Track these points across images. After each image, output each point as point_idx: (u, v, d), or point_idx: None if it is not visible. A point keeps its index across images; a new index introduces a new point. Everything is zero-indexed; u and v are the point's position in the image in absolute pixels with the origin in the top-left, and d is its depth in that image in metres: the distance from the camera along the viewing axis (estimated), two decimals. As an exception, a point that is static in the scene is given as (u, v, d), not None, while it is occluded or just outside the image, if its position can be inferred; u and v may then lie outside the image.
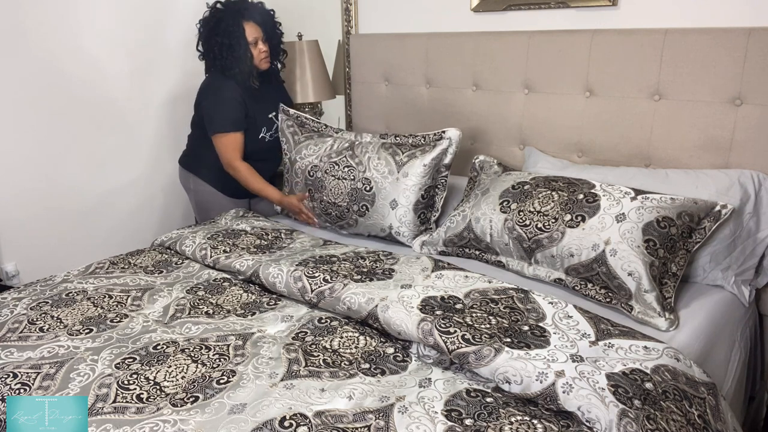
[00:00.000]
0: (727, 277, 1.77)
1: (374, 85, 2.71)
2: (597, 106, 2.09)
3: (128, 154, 2.88)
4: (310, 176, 2.24)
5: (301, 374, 1.33)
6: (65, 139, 2.64)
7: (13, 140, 2.49)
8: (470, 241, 1.94)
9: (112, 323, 1.58)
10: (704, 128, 1.89)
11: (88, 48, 2.65)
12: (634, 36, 1.97)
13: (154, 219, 3.04)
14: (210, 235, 2.08)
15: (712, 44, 1.83)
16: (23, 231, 2.57)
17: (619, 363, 1.27)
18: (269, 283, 1.74)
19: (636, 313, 1.58)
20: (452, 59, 2.41)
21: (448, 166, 2.14)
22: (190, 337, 1.50)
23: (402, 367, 1.37)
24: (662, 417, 1.16)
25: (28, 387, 1.31)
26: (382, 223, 2.12)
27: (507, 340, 1.34)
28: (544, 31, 2.17)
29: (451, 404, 1.23)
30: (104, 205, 2.83)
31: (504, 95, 2.31)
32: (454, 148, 2.12)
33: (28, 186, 2.56)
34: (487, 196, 1.93)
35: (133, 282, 1.83)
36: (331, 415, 1.19)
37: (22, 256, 2.59)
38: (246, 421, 1.18)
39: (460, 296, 1.55)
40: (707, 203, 1.71)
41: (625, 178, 1.89)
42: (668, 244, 1.62)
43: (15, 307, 1.66)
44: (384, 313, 1.48)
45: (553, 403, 1.19)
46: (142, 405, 1.24)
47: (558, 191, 1.80)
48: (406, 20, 2.60)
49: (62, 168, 2.66)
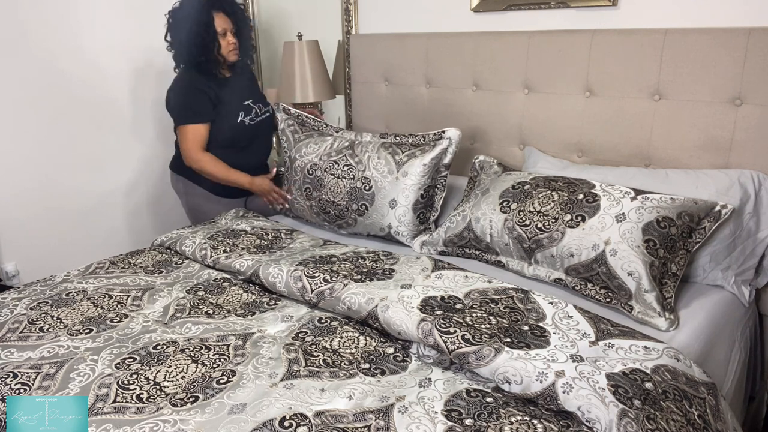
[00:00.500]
0: (727, 277, 1.77)
1: (374, 85, 2.71)
2: (597, 106, 2.09)
3: (128, 154, 2.89)
4: (309, 174, 2.24)
5: (301, 374, 1.33)
6: (65, 139, 2.64)
7: (13, 140, 2.49)
8: (470, 241, 1.94)
9: (112, 323, 1.58)
10: (704, 128, 1.89)
11: (88, 48, 2.65)
12: (634, 36, 1.97)
13: (154, 219, 3.04)
14: (210, 235, 2.08)
15: (712, 44, 1.83)
16: (23, 231, 2.58)
17: (619, 363, 1.27)
18: (269, 283, 1.74)
19: (636, 313, 1.58)
20: (452, 59, 2.41)
21: (447, 166, 2.14)
22: (190, 337, 1.50)
23: (402, 367, 1.37)
24: (662, 417, 1.16)
25: (28, 387, 1.31)
26: (381, 223, 2.12)
27: (507, 340, 1.34)
28: (544, 31, 2.17)
29: (451, 404, 1.23)
30: (104, 205, 2.84)
31: (504, 95, 2.31)
32: (453, 147, 2.12)
33: (28, 186, 2.57)
34: (487, 196, 1.93)
35: (133, 282, 1.83)
36: (331, 415, 1.19)
37: (22, 256, 2.59)
38: (246, 421, 1.18)
39: (460, 296, 1.55)
40: (707, 203, 1.71)
41: (625, 178, 1.89)
42: (668, 244, 1.62)
43: (15, 307, 1.66)
44: (384, 313, 1.48)
45: (553, 403, 1.19)
46: (142, 405, 1.24)
47: (558, 191, 1.80)
48: (406, 20, 2.60)
49: (62, 168, 2.66)
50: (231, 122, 2.36)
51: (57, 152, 2.62)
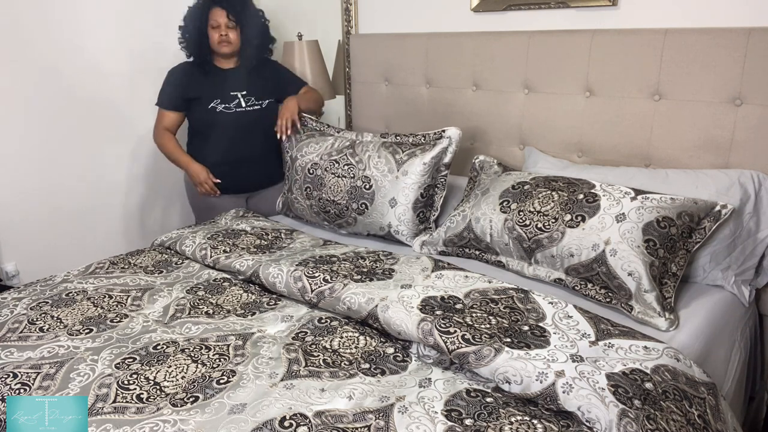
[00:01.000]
0: (727, 277, 1.77)
1: (374, 85, 2.71)
2: (597, 106, 2.09)
3: (128, 154, 2.88)
4: (310, 174, 2.24)
5: (301, 374, 1.33)
6: (65, 139, 2.64)
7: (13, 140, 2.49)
8: (470, 241, 1.94)
9: (112, 323, 1.58)
10: (704, 128, 1.89)
11: (88, 48, 2.65)
12: (634, 36, 1.97)
13: (154, 219, 3.04)
14: (210, 235, 2.08)
15: (712, 44, 1.83)
16: (23, 231, 2.58)
17: (619, 363, 1.27)
18: (269, 283, 1.74)
19: (636, 313, 1.58)
20: (452, 59, 2.41)
21: (447, 165, 2.14)
22: (190, 337, 1.50)
23: (402, 367, 1.37)
24: (662, 417, 1.16)
25: (28, 387, 1.31)
26: (381, 222, 2.12)
27: (507, 340, 1.34)
28: (544, 31, 2.17)
29: (451, 404, 1.23)
30: (104, 205, 2.84)
31: (504, 95, 2.31)
32: (454, 147, 2.12)
33: (28, 186, 2.57)
34: (487, 196, 1.93)
35: (133, 282, 1.83)
36: (331, 415, 1.19)
37: (22, 256, 2.59)
38: (246, 421, 1.18)
39: (460, 296, 1.55)
40: (707, 203, 1.71)
41: (625, 178, 1.89)
42: (668, 244, 1.62)
43: (15, 307, 1.66)
44: (384, 313, 1.48)
45: (553, 403, 1.19)
46: (142, 405, 1.24)
47: (558, 191, 1.80)
48: (406, 20, 2.60)
49: (62, 168, 2.66)
50: (203, 108, 2.44)
51: (57, 152, 2.62)
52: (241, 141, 2.47)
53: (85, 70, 2.65)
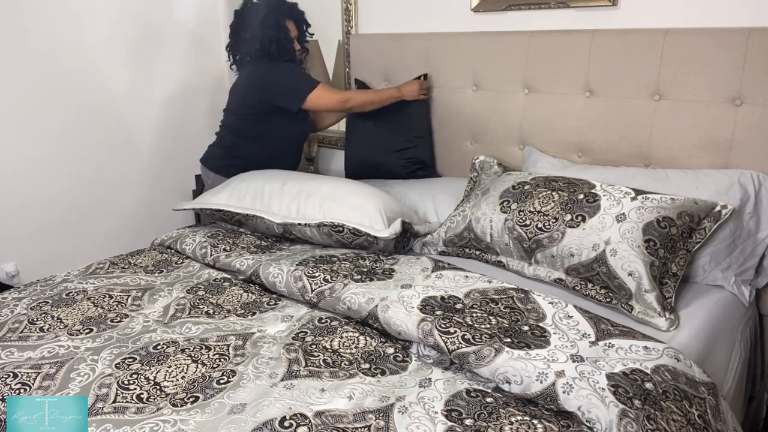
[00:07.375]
0: (727, 277, 1.77)
1: (374, 85, 2.70)
2: (597, 106, 2.09)
3: (128, 154, 2.88)
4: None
5: (301, 374, 1.33)
6: (65, 139, 2.64)
7: (13, 141, 2.49)
8: (470, 241, 1.94)
9: (112, 323, 1.58)
10: (704, 128, 1.89)
11: (88, 48, 2.65)
12: (634, 36, 1.97)
13: (154, 219, 3.04)
14: (210, 234, 2.08)
15: (712, 44, 1.83)
16: (23, 231, 2.57)
17: (619, 363, 1.27)
18: (269, 283, 1.74)
19: (636, 313, 1.58)
20: (452, 59, 2.41)
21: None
22: (190, 337, 1.50)
23: (402, 367, 1.37)
24: (662, 417, 1.16)
25: (28, 387, 1.31)
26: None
27: (507, 340, 1.34)
28: (544, 31, 2.17)
29: (451, 404, 1.23)
30: (104, 205, 2.84)
31: (504, 95, 2.31)
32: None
33: (28, 186, 2.57)
34: (488, 196, 1.93)
35: (133, 282, 1.83)
36: (331, 415, 1.19)
37: (22, 256, 2.59)
38: (246, 421, 1.18)
39: (460, 296, 1.55)
40: (707, 203, 1.71)
41: (625, 178, 1.89)
42: (668, 244, 1.62)
43: (15, 307, 1.66)
44: (384, 313, 1.48)
45: (553, 403, 1.19)
46: (142, 405, 1.24)
47: (558, 191, 1.80)
48: (406, 20, 2.60)
49: (62, 168, 2.66)
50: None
51: (57, 152, 2.62)
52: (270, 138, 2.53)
53: (85, 70, 2.65)
